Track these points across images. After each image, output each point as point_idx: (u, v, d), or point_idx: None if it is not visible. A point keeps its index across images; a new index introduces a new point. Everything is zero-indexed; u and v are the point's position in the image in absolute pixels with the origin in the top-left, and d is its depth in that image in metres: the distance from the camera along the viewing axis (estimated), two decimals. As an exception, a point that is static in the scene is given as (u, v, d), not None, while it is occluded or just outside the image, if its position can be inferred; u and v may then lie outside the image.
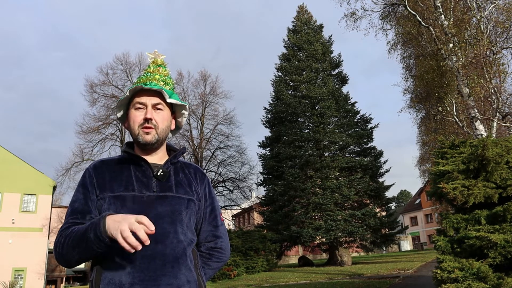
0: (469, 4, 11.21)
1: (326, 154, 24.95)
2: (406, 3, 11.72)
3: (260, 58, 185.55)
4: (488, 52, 10.70)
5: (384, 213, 24.49)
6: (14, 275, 25.36)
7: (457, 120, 11.60)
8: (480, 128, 10.24)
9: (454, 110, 11.62)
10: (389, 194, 43.22)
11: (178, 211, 1.45)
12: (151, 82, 1.52)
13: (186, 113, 1.64)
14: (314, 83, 25.76)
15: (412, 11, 11.73)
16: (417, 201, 58.75)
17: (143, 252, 1.33)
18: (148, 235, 1.31)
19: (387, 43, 14.95)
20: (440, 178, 4.79)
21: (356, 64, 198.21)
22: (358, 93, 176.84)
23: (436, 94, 12.27)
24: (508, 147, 4.64)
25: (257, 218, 33.56)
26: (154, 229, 1.24)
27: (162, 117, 1.52)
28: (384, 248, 34.83)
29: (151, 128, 1.48)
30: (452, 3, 11.38)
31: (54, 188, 28.67)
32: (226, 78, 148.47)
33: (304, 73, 26.36)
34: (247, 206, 39.45)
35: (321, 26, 28.59)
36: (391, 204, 26.66)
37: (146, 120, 1.48)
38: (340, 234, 21.77)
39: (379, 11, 13.26)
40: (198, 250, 1.58)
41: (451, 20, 11.16)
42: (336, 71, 27.72)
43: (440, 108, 12.05)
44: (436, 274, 4.08)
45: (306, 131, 25.84)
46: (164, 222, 1.40)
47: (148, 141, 1.48)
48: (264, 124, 28.11)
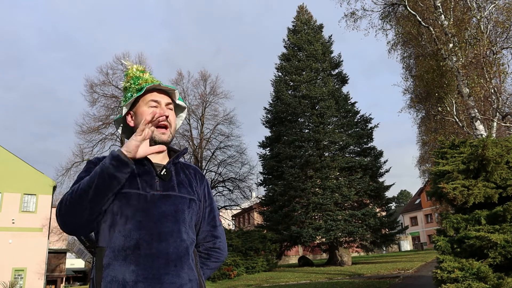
0: (469, 4, 11.21)
1: (326, 154, 24.95)
2: (406, 3, 11.71)
3: (260, 58, 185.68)
4: (488, 52, 10.69)
5: (384, 213, 24.48)
6: (14, 275, 25.36)
7: (457, 120, 11.60)
8: (480, 128, 10.24)
9: (454, 110, 11.62)
10: (389, 194, 43.30)
11: (181, 210, 1.46)
12: (162, 82, 1.54)
13: (183, 115, 1.65)
14: (314, 83, 25.76)
15: (412, 11, 11.73)
16: (417, 201, 58.74)
17: (147, 250, 1.34)
18: (152, 233, 1.36)
19: (387, 43, 14.96)
20: (440, 178, 4.78)
21: (356, 64, 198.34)
22: (358, 93, 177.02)
23: (436, 94, 12.26)
24: (508, 147, 4.64)
25: (257, 218, 33.55)
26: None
27: (173, 117, 1.55)
28: (384, 248, 34.79)
29: (167, 127, 1.51)
30: (452, 3, 11.38)
31: (54, 188, 28.67)
32: (226, 78, 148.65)
33: (304, 73, 26.36)
34: (247, 206, 39.45)
35: (321, 26, 28.59)
36: (391, 204, 26.65)
37: (166, 117, 1.50)
38: (340, 234, 21.77)
39: (379, 11, 13.27)
40: (196, 250, 1.59)
41: (451, 20, 11.16)
42: (336, 71, 27.72)
43: (440, 108, 12.05)
44: (436, 274, 4.08)
45: (306, 131, 25.84)
46: (168, 221, 1.41)
47: (165, 141, 1.51)
48: (264, 124, 28.12)
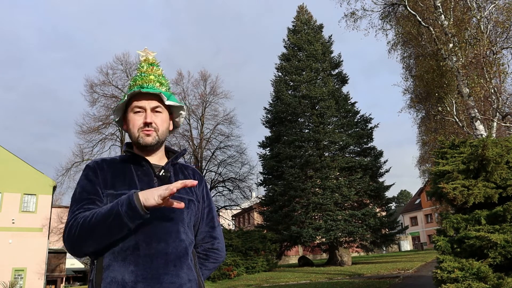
0: (469, 4, 11.21)
1: (326, 154, 24.95)
2: (406, 3, 11.71)
3: (260, 58, 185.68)
4: (488, 52, 10.69)
5: (384, 213, 24.48)
6: (14, 275, 25.36)
7: (457, 120, 11.60)
8: (480, 128, 10.24)
9: (454, 110, 11.62)
10: (389, 194, 43.27)
11: (180, 211, 1.46)
12: (148, 85, 1.52)
13: (183, 113, 1.64)
14: (314, 83, 25.76)
15: (412, 11, 11.73)
16: (417, 201, 58.74)
17: (146, 250, 1.35)
18: (151, 234, 1.37)
19: (387, 43, 14.97)
20: (440, 178, 4.78)
21: (356, 64, 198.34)
22: (358, 93, 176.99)
23: (436, 94, 12.26)
24: (508, 147, 4.64)
25: (257, 218, 33.55)
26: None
27: (161, 120, 1.53)
28: (384, 248, 34.81)
29: (151, 130, 1.49)
30: (452, 3, 11.37)
31: (54, 188, 28.67)
32: (226, 78, 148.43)
33: (304, 73, 26.36)
34: (247, 206, 39.44)
35: (321, 26, 28.59)
36: (391, 204, 26.65)
37: (146, 124, 1.49)
38: (340, 234, 21.77)
39: (379, 11, 13.26)
40: (195, 250, 1.59)
41: (451, 20, 11.16)
42: (336, 71, 27.72)
43: (440, 108, 12.05)
44: (436, 274, 4.08)
45: (306, 131, 25.84)
46: (166, 221, 1.42)
47: (149, 143, 1.50)
48: (264, 124, 28.12)
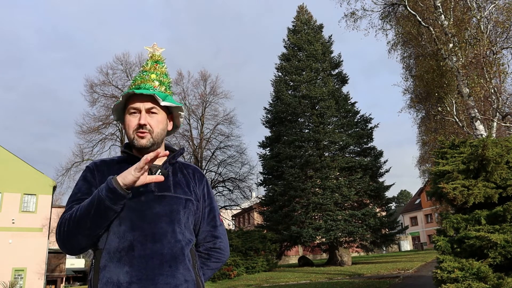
0: (469, 4, 11.20)
1: (326, 154, 24.94)
2: (406, 3, 11.71)
3: (260, 58, 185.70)
4: (488, 52, 10.69)
5: (384, 213, 24.48)
6: (14, 275, 25.37)
7: (457, 120, 11.60)
8: (480, 128, 10.23)
9: (454, 110, 11.62)
10: (389, 194, 43.30)
11: (176, 211, 1.45)
12: (145, 85, 1.52)
13: (182, 113, 1.63)
14: (314, 83, 25.75)
15: (412, 11, 11.72)
16: (417, 201, 58.73)
17: (141, 251, 1.34)
18: (146, 234, 1.36)
19: (387, 43, 14.96)
20: (440, 178, 4.78)
21: (356, 64, 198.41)
22: (358, 93, 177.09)
23: (436, 94, 12.26)
24: (508, 147, 4.63)
25: (257, 218, 33.55)
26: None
27: (156, 121, 1.51)
28: (384, 248, 34.79)
29: (145, 132, 1.49)
30: (452, 3, 11.37)
31: (54, 188, 28.67)
32: (226, 78, 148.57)
33: (304, 73, 26.35)
34: (247, 206, 39.43)
35: (321, 26, 28.58)
36: (391, 204, 26.64)
37: (140, 126, 1.48)
38: (340, 234, 21.76)
39: (379, 11, 13.26)
40: (197, 250, 1.59)
41: (451, 20, 11.16)
42: (336, 71, 27.72)
43: (440, 108, 12.05)
44: (436, 274, 4.08)
45: (306, 131, 25.83)
46: (162, 221, 1.41)
47: (143, 145, 1.49)
48: (264, 124, 28.11)
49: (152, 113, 1.51)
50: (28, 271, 25.79)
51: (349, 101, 26.51)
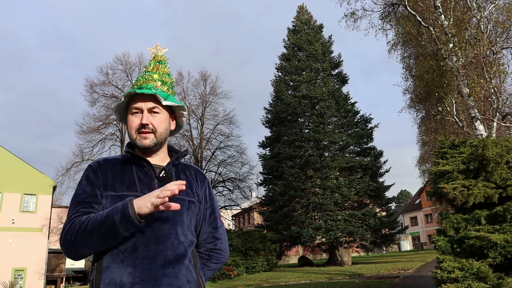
0: (469, 4, 11.21)
1: (326, 154, 24.95)
2: (406, 3, 11.71)
3: (260, 58, 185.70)
4: (488, 52, 10.69)
5: (384, 213, 24.48)
6: (14, 275, 25.36)
7: (457, 120, 11.60)
8: (480, 128, 10.24)
9: (454, 110, 11.62)
10: (389, 194, 43.30)
11: (180, 213, 1.45)
12: (147, 85, 1.52)
13: (185, 113, 1.63)
14: (314, 83, 25.76)
15: (412, 11, 11.73)
16: (417, 201, 58.73)
17: (144, 252, 1.35)
18: (150, 235, 1.37)
19: (387, 43, 14.97)
20: (440, 178, 4.78)
21: (356, 64, 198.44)
22: (358, 93, 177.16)
23: (436, 94, 12.26)
24: (508, 147, 4.64)
25: (257, 218, 33.54)
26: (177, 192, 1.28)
27: (159, 120, 1.51)
28: (384, 248, 34.80)
29: (148, 132, 1.48)
30: (452, 3, 11.37)
31: (54, 188, 28.67)
32: (226, 78, 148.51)
33: (304, 73, 26.36)
34: (247, 206, 39.43)
35: (321, 26, 28.59)
36: (391, 204, 26.65)
37: (142, 126, 1.48)
38: (340, 234, 21.76)
39: (379, 11, 13.26)
40: (197, 251, 1.59)
41: (451, 20, 11.16)
42: (336, 71, 27.72)
43: (440, 108, 12.05)
44: (436, 274, 4.08)
45: (306, 131, 25.84)
46: (165, 223, 1.41)
47: (146, 145, 1.49)
48: (264, 124, 28.12)
49: (155, 112, 1.51)
50: (28, 271, 25.78)
51: (349, 101, 26.51)
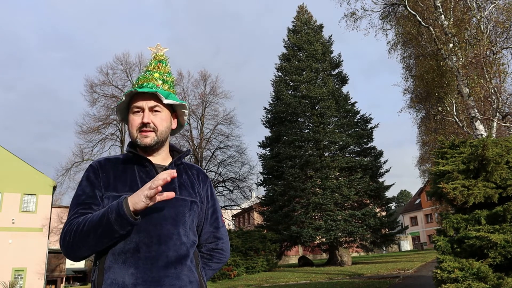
0: (469, 4, 11.21)
1: (326, 154, 24.95)
2: (406, 3, 11.71)
3: (260, 58, 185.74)
4: (488, 52, 10.69)
5: (384, 213, 24.48)
6: (14, 275, 25.36)
7: (457, 120, 11.60)
8: (480, 128, 10.24)
9: (454, 110, 11.62)
10: (389, 194, 43.33)
11: (182, 213, 1.45)
12: (148, 84, 1.51)
13: (186, 111, 1.62)
14: (314, 83, 25.76)
15: (412, 11, 11.73)
16: (417, 201, 58.73)
17: (146, 253, 1.34)
18: (152, 236, 1.37)
19: (387, 43, 14.98)
20: (440, 178, 4.78)
21: (356, 64, 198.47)
22: (358, 93, 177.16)
23: (436, 94, 12.27)
24: (508, 147, 4.64)
25: (257, 218, 33.54)
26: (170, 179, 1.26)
27: (160, 119, 1.51)
28: (384, 248, 34.80)
29: (149, 131, 1.48)
30: (452, 3, 11.37)
31: (54, 188, 28.67)
32: (226, 78, 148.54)
33: (304, 73, 26.36)
34: (247, 206, 39.42)
35: (321, 26, 28.59)
36: (391, 204, 26.64)
37: (144, 124, 1.47)
38: (340, 234, 21.76)
39: (379, 11, 13.27)
40: (199, 250, 1.59)
41: (451, 20, 11.16)
42: (336, 71, 27.72)
43: (440, 108, 12.05)
44: (436, 274, 4.08)
45: (306, 131, 25.84)
46: (167, 224, 1.41)
47: (147, 144, 1.48)
48: (264, 124, 28.12)
49: (156, 111, 1.50)
50: (28, 271, 25.78)
51: (349, 101, 26.51)
